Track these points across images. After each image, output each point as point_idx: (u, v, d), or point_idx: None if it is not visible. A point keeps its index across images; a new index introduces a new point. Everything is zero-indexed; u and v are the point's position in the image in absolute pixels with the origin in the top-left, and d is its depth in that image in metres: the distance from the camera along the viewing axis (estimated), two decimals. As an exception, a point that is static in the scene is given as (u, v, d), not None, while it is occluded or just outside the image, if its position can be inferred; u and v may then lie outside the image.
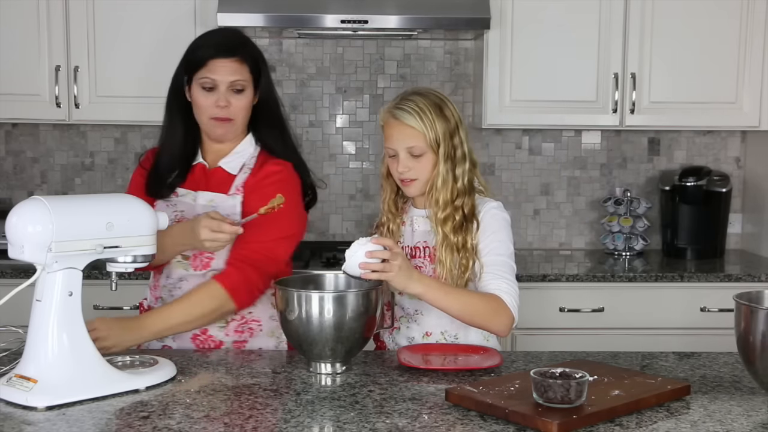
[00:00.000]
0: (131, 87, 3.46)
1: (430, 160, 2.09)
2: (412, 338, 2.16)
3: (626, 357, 2.06)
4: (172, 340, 2.17)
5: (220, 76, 2.14)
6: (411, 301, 2.15)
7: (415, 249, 2.17)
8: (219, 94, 2.15)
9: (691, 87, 3.55)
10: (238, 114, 2.18)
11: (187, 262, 2.19)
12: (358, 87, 3.87)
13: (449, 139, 2.09)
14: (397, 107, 2.09)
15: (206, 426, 1.57)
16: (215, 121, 2.17)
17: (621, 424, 1.58)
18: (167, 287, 2.21)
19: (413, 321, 2.16)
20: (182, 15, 3.44)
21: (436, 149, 2.08)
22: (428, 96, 2.10)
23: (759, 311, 1.66)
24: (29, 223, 1.68)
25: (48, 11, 3.43)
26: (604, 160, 3.95)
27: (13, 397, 1.67)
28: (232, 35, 2.26)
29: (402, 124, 2.08)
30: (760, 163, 3.83)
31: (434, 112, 2.07)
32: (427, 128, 2.06)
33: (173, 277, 2.20)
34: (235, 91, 2.16)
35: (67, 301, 1.72)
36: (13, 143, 3.85)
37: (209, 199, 2.20)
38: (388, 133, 2.11)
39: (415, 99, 2.09)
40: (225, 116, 2.16)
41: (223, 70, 2.14)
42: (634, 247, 3.76)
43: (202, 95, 2.16)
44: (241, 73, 2.16)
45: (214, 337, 2.18)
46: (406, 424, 1.58)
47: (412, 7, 3.39)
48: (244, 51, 2.18)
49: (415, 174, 2.10)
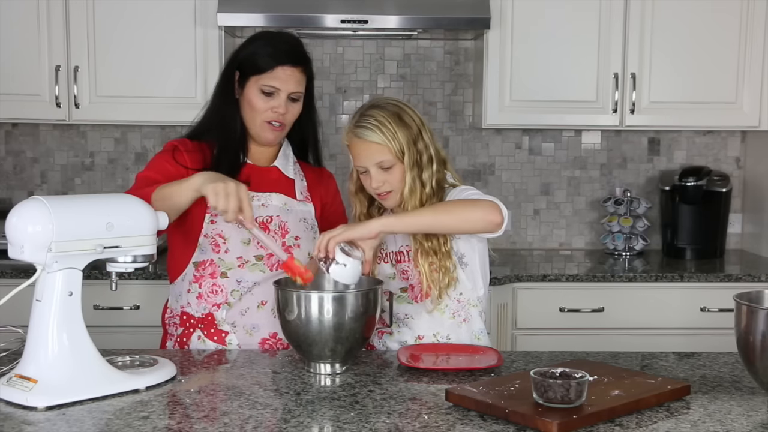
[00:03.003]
0: (131, 87, 3.46)
1: (400, 170, 2.09)
2: (404, 342, 2.15)
3: (626, 357, 2.06)
4: (238, 347, 2.15)
5: (284, 85, 2.15)
6: (401, 306, 2.15)
7: (399, 254, 2.17)
8: (279, 100, 2.15)
9: (691, 87, 3.55)
10: (291, 121, 2.20)
11: (261, 263, 2.16)
12: (358, 87, 3.87)
13: (413, 145, 2.08)
14: (358, 125, 2.09)
15: (206, 426, 1.57)
16: (269, 126, 2.17)
17: (621, 424, 1.58)
18: (238, 291, 2.16)
19: (404, 325, 2.16)
20: (182, 15, 3.44)
21: (402, 158, 2.08)
22: (385, 107, 2.10)
23: (759, 311, 1.66)
24: (29, 223, 1.68)
25: (48, 11, 3.43)
26: (604, 160, 3.95)
27: (13, 397, 1.67)
28: (297, 44, 2.24)
29: (366, 142, 2.08)
30: (760, 163, 3.83)
31: (394, 122, 2.07)
32: (389, 140, 2.06)
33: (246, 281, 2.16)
34: (292, 100, 2.17)
35: (67, 301, 1.72)
36: (13, 143, 3.85)
37: (284, 201, 2.22)
38: (355, 153, 2.12)
39: (373, 113, 2.09)
40: (280, 121, 2.17)
41: (288, 79, 2.15)
42: (634, 247, 3.76)
43: (261, 99, 2.16)
44: (302, 84, 2.18)
45: (283, 341, 2.13)
46: (406, 424, 1.58)
47: (412, 7, 3.39)
48: (307, 62, 2.21)
49: (390, 186, 2.10)
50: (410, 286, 2.14)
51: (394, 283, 2.15)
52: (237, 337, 2.16)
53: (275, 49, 2.18)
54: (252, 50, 2.19)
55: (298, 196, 2.25)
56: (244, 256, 2.16)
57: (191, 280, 2.18)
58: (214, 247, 2.15)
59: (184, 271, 2.19)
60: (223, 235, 2.15)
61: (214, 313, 2.17)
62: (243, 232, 2.12)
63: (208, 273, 2.16)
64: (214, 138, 2.22)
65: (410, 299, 2.14)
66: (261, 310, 2.16)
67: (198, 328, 2.18)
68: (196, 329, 2.18)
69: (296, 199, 2.24)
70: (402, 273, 2.15)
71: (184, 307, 2.20)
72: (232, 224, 2.06)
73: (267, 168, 2.25)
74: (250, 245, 2.15)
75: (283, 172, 2.26)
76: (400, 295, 2.15)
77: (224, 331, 2.16)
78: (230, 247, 2.15)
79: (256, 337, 2.17)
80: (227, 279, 2.16)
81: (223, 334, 2.16)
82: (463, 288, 2.14)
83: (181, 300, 2.21)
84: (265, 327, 2.17)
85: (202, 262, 2.16)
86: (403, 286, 2.15)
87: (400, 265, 2.16)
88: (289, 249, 2.17)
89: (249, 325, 2.16)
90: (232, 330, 2.16)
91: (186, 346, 2.19)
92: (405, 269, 2.15)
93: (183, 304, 2.21)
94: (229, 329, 2.16)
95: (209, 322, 2.17)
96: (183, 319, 2.20)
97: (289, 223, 2.20)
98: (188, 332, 2.19)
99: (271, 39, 2.23)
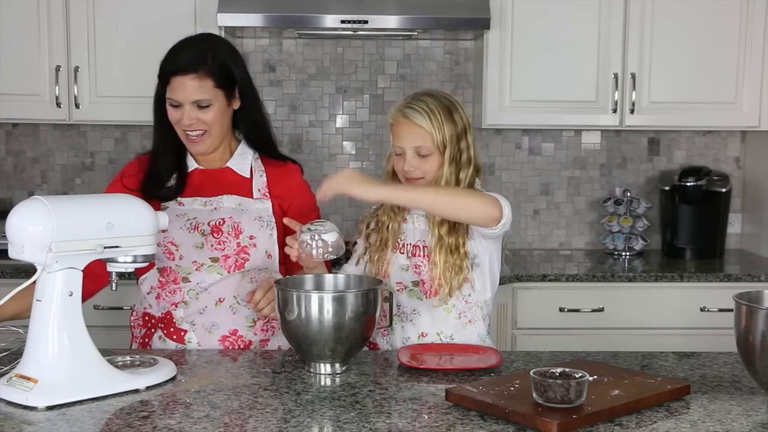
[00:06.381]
0: (131, 87, 3.46)
1: (436, 161, 2.10)
2: (407, 338, 2.16)
3: (626, 357, 2.06)
4: (198, 345, 2.16)
5: (182, 96, 2.09)
6: (410, 300, 2.15)
7: (415, 247, 2.17)
8: (183, 111, 2.11)
9: (691, 87, 3.56)
10: (210, 126, 2.13)
11: (217, 265, 2.16)
12: (358, 87, 3.88)
13: (456, 142, 2.11)
14: (408, 106, 2.11)
15: (206, 426, 1.57)
16: (188, 139, 2.15)
17: (621, 424, 1.58)
18: (194, 290, 2.16)
19: (408, 321, 2.16)
20: (182, 15, 3.44)
21: (443, 151, 2.10)
22: (439, 98, 2.13)
23: (759, 311, 1.66)
24: (30, 223, 1.68)
25: (48, 11, 3.44)
26: (604, 160, 3.95)
27: (13, 397, 1.67)
28: (193, 47, 2.14)
29: (411, 123, 2.10)
30: (760, 163, 3.83)
31: (444, 114, 2.10)
32: (435, 129, 2.08)
33: (205, 282, 2.16)
34: (200, 107, 2.11)
35: (67, 301, 1.72)
36: (13, 143, 3.85)
37: (237, 202, 2.20)
38: (397, 131, 2.13)
39: (426, 100, 2.11)
40: (196, 129, 2.13)
41: (184, 89, 2.09)
42: (634, 247, 3.76)
43: (171, 111, 2.14)
44: (203, 90, 2.09)
45: (244, 338, 2.18)
46: (406, 424, 1.58)
47: (412, 7, 3.39)
48: (204, 65, 2.09)
49: (420, 173, 2.11)
50: (421, 281, 2.15)
51: (407, 275, 2.16)
52: (196, 336, 2.16)
53: (167, 59, 2.13)
54: (162, 61, 2.15)
55: (255, 194, 2.22)
56: (198, 260, 2.15)
57: (155, 285, 2.19)
58: (168, 255, 2.15)
59: (145, 275, 2.20)
60: (174, 242, 2.15)
61: (172, 312, 2.17)
62: (194, 237, 2.14)
63: (171, 279, 2.16)
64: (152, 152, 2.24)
65: (420, 294, 2.15)
66: (219, 307, 2.16)
67: (158, 327, 2.19)
68: (157, 329, 2.19)
69: (252, 198, 2.21)
70: (415, 267, 2.16)
71: (147, 308, 2.22)
72: (181, 230, 2.12)
73: (220, 170, 2.23)
74: (204, 248, 2.15)
75: (237, 172, 2.23)
76: (412, 288, 2.16)
77: (183, 330, 2.16)
78: (183, 253, 2.15)
79: (216, 334, 2.16)
80: (189, 282, 2.16)
81: (182, 333, 2.16)
82: (472, 289, 2.15)
83: (144, 302, 2.23)
84: (224, 324, 2.17)
85: (164, 269, 2.17)
86: (414, 280, 2.16)
87: (415, 259, 2.16)
88: (245, 249, 2.16)
89: (208, 323, 2.16)
90: (191, 328, 2.16)
91: (148, 346, 2.20)
92: (419, 264, 2.15)
93: (146, 306, 2.23)
94: (188, 327, 2.16)
95: (168, 321, 2.18)
96: (145, 320, 2.22)
97: (243, 223, 2.18)
98: (150, 332, 2.21)
99: (173, 48, 2.16)
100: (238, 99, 2.19)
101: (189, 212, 2.18)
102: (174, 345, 2.17)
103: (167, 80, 2.12)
